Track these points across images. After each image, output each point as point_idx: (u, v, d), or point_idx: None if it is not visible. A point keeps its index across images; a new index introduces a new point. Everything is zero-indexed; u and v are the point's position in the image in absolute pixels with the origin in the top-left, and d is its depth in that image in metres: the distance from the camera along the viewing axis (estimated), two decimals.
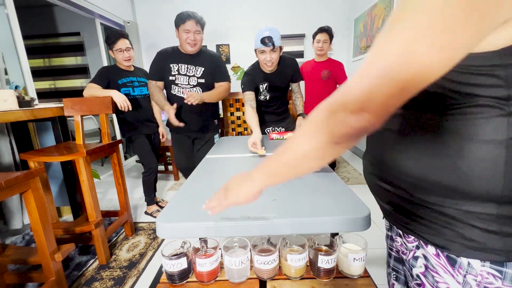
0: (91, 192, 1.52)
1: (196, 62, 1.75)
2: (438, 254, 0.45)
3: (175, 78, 1.74)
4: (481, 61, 0.35)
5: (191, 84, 1.77)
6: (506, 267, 0.39)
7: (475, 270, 0.41)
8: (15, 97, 1.51)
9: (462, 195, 0.39)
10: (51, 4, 3.33)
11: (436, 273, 0.46)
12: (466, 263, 0.41)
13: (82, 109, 1.70)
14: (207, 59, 1.80)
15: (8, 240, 1.85)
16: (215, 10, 3.92)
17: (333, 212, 0.70)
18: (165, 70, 1.74)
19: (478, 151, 0.37)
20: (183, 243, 0.80)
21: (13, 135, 1.77)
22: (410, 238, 0.50)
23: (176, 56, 1.74)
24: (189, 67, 1.74)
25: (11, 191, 1.01)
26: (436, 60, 0.27)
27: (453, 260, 0.43)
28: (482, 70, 0.35)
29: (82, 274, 1.52)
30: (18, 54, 2.15)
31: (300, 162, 0.42)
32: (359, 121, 0.32)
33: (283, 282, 0.76)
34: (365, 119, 0.31)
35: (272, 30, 1.54)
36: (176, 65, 1.73)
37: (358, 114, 0.31)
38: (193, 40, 1.66)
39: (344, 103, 0.33)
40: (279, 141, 1.67)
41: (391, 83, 0.29)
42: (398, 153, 0.46)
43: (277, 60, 1.66)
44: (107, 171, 3.48)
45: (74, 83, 4.27)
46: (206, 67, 1.77)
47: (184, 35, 1.65)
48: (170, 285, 0.77)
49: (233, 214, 0.72)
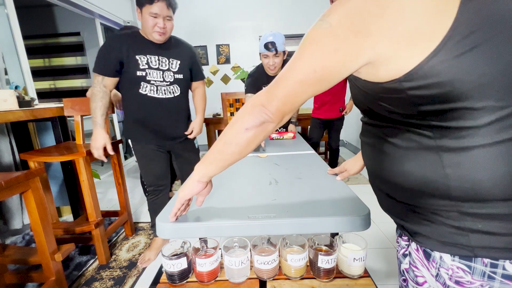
0: (91, 192, 1.52)
1: (168, 53, 1.41)
2: (418, 249, 0.49)
3: (145, 73, 1.35)
4: (382, 89, 0.42)
5: (167, 81, 1.41)
6: (474, 262, 0.41)
7: (446, 264, 0.44)
8: (15, 97, 1.51)
9: (426, 195, 0.43)
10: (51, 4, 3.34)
11: (416, 267, 0.50)
12: (438, 256, 0.45)
13: (82, 109, 1.70)
14: (181, 49, 1.47)
15: (8, 240, 1.85)
16: (215, 10, 3.91)
17: (333, 212, 0.70)
18: (129, 63, 1.33)
19: (417, 158, 0.43)
20: (183, 243, 0.80)
21: (13, 135, 1.77)
22: (405, 237, 0.55)
23: (142, 45, 1.35)
24: (160, 59, 1.38)
25: (11, 191, 1.01)
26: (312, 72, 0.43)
27: (428, 254, 0.46)
28: (386, 94, 0.42)
29: (82, 274, 1.51)
30: (18, 54, 2.14)
31: (225, 147, 0.55)
32: (261, 113, 0.49)
33: (283, 282, 0.76)
34: (265, 113, 0.49)
35: (276, 36, 1.61)
36: (144, 57, 1.34)
37: (261, 108, 0.49)
38: (163, 28, 1.30)
39: (254, 101, 0.51)
40: (279, 141, 1.67)
41: (283, 88, 0.47)
42: (372, 160, 0.53)
43: (280, 64, 1.72)
44: (107, 171, 3.48)
45: (74, 83, 4.27)
46: (182, 60, 1.45)
47: (151, 21, 1.28)
48: (170, 285, 0.77)
49: (233, 214, 0.72)
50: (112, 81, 1.37)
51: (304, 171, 1.05)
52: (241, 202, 0.81)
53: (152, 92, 1.40)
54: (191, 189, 0.63)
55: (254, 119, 0.50)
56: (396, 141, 0.46)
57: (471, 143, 0.37)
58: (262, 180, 0.98)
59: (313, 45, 0.42)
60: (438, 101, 0.37)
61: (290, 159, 1.25)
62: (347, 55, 0.40)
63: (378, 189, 0.55)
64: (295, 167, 1.11)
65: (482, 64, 0.34)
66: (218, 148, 0.56)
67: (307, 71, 0.43)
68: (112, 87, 1.39)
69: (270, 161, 1.22)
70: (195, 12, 3.88)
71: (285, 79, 0.46)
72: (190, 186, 0.63)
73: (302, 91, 0.46)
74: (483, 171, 0.37)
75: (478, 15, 0.33)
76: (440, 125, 0.39)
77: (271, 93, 0.48)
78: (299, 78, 0.44)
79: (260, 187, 0.92)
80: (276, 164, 1.16)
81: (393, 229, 1.80)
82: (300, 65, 0.44)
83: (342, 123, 2.70)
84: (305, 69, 0.43)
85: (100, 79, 1.34)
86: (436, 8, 0.34)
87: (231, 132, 0.53)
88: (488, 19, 0.33)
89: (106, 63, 1.33)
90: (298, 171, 1.06)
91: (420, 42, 0.35)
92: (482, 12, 0.33)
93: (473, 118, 0.36)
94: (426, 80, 0.36)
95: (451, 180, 0.39)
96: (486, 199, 0.38)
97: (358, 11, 0.37)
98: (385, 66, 0.39)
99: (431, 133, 0.40)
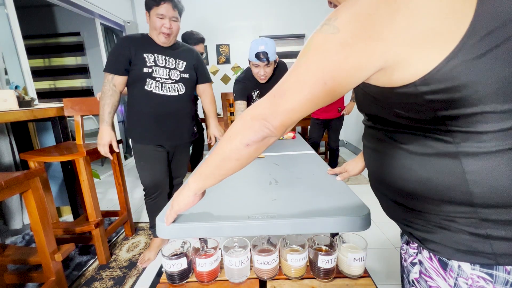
0: (91, 192, 1.52)
1: (174, 55, 1.44)
2: (431, 257, 0.46)
3: (151, 70, 1.37)
4: (395, 95, 0.40)
5: (173, 79, 1.43)
6: (496, 270, 0.39)
7: (465, 273, 0.41)
8: (15, 97, 1.51)
9: (442, 202, 0.41)
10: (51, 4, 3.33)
11: (429, 277, 0.47)
12: (456, 266, 0.42)
13: (82, 109, 1.70)
14: (186, 52, 1.51)
15: (8, 240, 1.85)
16: (215, 10, 3.91)
17: (333, 212, 0.70)
18: (136, 61, 1.36)
19: (435, 164, 0.40)
20: (183, 243, 0.80)
21: (13, 135, 1.77)
22: (414, 244, 0.51)
23: (149, 45, 1.39)
24: (167, 59, 1.42)
25: (11, 191, 1.01)
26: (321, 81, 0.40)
27: (445, 263, 0.43)
28: (405, 100, 0.40)
29: (82, 274, 1.51)
30: (18, 54, 2.14)
31: (222, 163, 0.51)
32: (262, 127, 0.45)
33: (283, 282, 0.76)
34: (266, 127, 0.45)
35: (267, 45, 1.50)
36: (152, 55, 1.38)
37: (262, 122, 0.45)
38: (169, 29, 1.34)
39: (253, 114, 0.46)
40: (279, 141, 1.67)
41: (285, 100, 0.43)
42: (378, 166, 0.51)
43: (271, 73, 1.63)
44: (107, 171, 3.48)
45: (74, 83, 4.27)
46: (187, 61, 1.48)
47: (158, 22, 1.32)
48: (170, 285, 0.77)
49: (233, 214, 0.72)
50: (122, 80, 1.38)
51: (304, 171, 1.05)
52: (241, 202, 0.81)
53: (157, 89, 1.40)
54: (187, 202, 0.62)
55: (256, 134, 0.46)
56: (409, 147, 0.43)
57: (494, 147, 0.36)
58: (262, 180, 0.98)
59: (320, 53, 0.38)
60: (458, 105, 0.36)
61: (290, 159, 1.25)
62: (359, 62, 0.37)
63: (383, 194, 0.53)
64: (295, 167, 1.11)
65: (504, 64, 0.32)
66: (216, 163, 0.53)
67: (316, 84, 0.39)
68: (122, 87, 1.40)
69: (270, 161, 1.22)
70: (195, 12, 3.87)
71: (292, 92, 0.41)
72: (186, 200, 0.61)
73: (311, 105, 0.42)
74: (508, 176, 0.36)
75: (497, 13, 0.32)
76: (460, 130, 0.37)
77: (275, 106, 0.43)
78: (308, 92, 0.40)
79: (260, 187, 0.92)
80: (276, 164, 1.16)
81: (393, 229, 1.80)
82: (308, 77, 0.40)
83: (341, 123, 2.71)
84: (313, 82, 0.39)
85: (110, 77, 1.36)
86: (452, 7, 0.32)
87: (230, 148, 0.49)
88: (507, 18, 0.32)
89: (116, 62, 1.36)
90: (298, 171, 1.06)
91: (436, 43, 0.33)
92: (501, 10, 0.32)
93: (496, 121, 0.35)
94: (444, 83, 0.35)
95: (473, 186, 0.38)
96: (510, 205, 0.37)
97: (367, 14, 0.35)
98: (399, 70, 0.36)
99: (451, 138, 0.38)
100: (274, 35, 3.90)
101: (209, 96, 1.65)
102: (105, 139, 1.39)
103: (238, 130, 0.48)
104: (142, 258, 1.61)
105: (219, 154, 0.51)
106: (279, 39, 3.92)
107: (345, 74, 0.38)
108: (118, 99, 1.40)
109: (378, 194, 0.55)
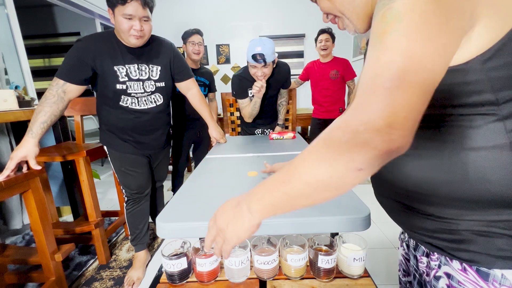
0: (91, 192, 1.53)
1: (148, 59, 1.28)
2: (465, 269, 0.41)
3: (126, 86, 1.24)
4: (456, 75, 0.34)
5: (148, 91, 1.30)
6: None
7: (509, 281, 0.37)
8: (15, 97, 1.52)
9: (479, 204, 0.37)
10: (51, 4, 3.34)
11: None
12: (500, 275, 0.38)
13: (82, 109, 1.70)
14: (161, 52, 1.32)
15: (8, 240, 1.85)
16: (215, 10, 3.91)
17: (333, 212, 0.70)
18: (106, 76, 1.21)
19: (483, 159, 0.35)
20: (183, 243, 0.80)
21: (13, 135, 1.77)
22: (435, 255, 0.46)
23: (118, 53, 1.21)
24: (140, 67, 1.26)
25: (11, 191, 1.01)
26: (436, 54, 0.28)
27: (485, 273, 0.39)
28: (460, 81, 0.34)
29: (82, 274, 1.52)
30: (18, 54, 2.15)
31: (313, 193, 0.35)
32: (386, 141, 0.28)
33: (283, 282, 0.76)
34: (393, 138, 0.28)
35: (265, 46, 1.45)
36: (123, 67, 1.21)
37: (386, 133, 0.28)
38: (140, 31, 1.15)
39: (366, 122, 0.28)
40: (279, 141, 1.67)
41: (409, 89, 0.27)
42: (401, 169, 0.43)
43: (269, 73, 1.59)
44: (107, 171, 3.48)
45: None
46: (162, 63, 1.32)
47: (125, 23, 1.12)
48: (170, 285, 0.77)
49: None
50: (76, 89, 1.19)
51: None
52: None
53: (134, 104, 1.30)
54: (250, 234, 0.46)
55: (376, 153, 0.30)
56: (441, 144, 0.36)
57: None
58: (262, 180, 0.98)
59: (424, 28, 0.28)
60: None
61: (290, 159, 1.25)
62: (456, 32, 0.29)
63: (397, 202, 0.47)
64: None
65: None
66: (301, 192, 0.36)
67: (438, 65, 0.29)
68: (74, 96, 1.20)
69: (270, 161, 1.22)
70: (195, 12, 3.87)
71: (409, 82, 0.28)
72: (250, 231, 0.45)
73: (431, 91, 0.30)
74: None
75: None
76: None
77: (397, 107, 0.28)
78: (429, 76, 0.29)
79: None
80: None
81: (394, 229, 1.80)
82: (426, 58, 0.28)
83: None
84: (433, 63, 0.28)
85: (61, 83, 1.15)
86: None
87: (328, 174, 0.32)
88: None
89: (73, 69, 1.17)
90: None
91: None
92: None
93: None
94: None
95: None
96: None
97: None
98: (467, 40, 0.30)
99: (502, 126, 0.32)
100: (274, 35, 3.89)
101: (197, 95, 1.48)
102: (20, 153, 1.05)
103: (334, 151, 0.32)
104: (130, 280, 1.43)
105: (306, 182, 0.35)
106: (279, 39, 3.91)
107: (450, 49, 0.31)
108: (61, 109, 1.16)
109: (389, 202, 0.50)
